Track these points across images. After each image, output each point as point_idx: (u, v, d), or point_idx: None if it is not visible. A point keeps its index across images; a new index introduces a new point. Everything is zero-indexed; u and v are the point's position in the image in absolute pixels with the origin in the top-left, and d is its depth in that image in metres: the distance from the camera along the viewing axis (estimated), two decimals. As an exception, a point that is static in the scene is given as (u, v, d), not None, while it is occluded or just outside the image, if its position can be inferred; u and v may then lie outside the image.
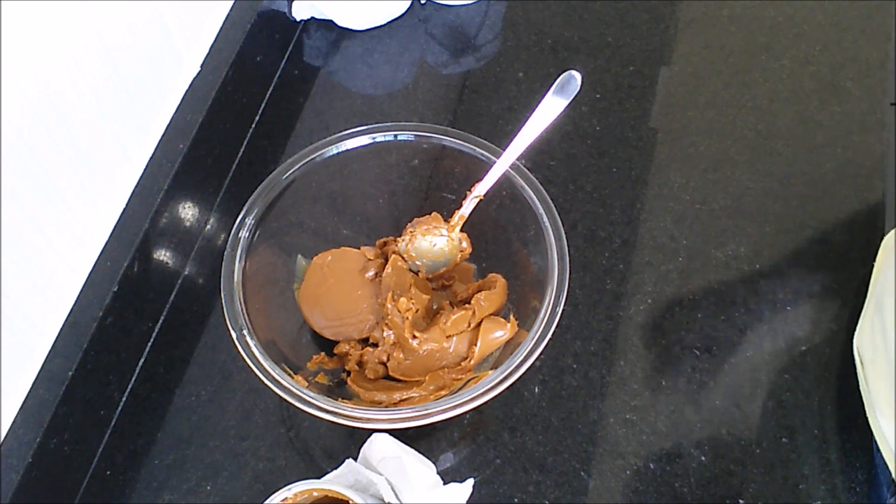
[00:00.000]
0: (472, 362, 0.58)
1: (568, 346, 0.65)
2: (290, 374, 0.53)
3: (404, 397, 0.57)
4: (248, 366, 0.53)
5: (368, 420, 0.51)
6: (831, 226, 0.70)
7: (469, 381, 0.57)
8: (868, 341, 0.59)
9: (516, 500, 0.58)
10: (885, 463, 0.55)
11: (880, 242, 0.64)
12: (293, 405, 0.51)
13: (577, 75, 0.59)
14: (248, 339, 0.53)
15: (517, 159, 0.59)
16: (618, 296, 0.67)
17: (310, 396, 0.51)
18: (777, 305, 0.66)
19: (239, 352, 0.53)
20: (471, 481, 0.56)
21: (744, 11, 0.85)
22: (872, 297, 0.61)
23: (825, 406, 0.61)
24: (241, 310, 0.55)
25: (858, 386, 0.59)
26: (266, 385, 0.52)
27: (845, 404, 0.58)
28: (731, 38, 0.83)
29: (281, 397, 0.52)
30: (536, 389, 0.63)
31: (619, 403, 0.62)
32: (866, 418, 0.58)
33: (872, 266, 0.64)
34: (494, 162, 0.60)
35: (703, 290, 0.67)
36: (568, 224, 0.69)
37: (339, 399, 0.53)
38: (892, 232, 0.59)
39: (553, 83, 0.60)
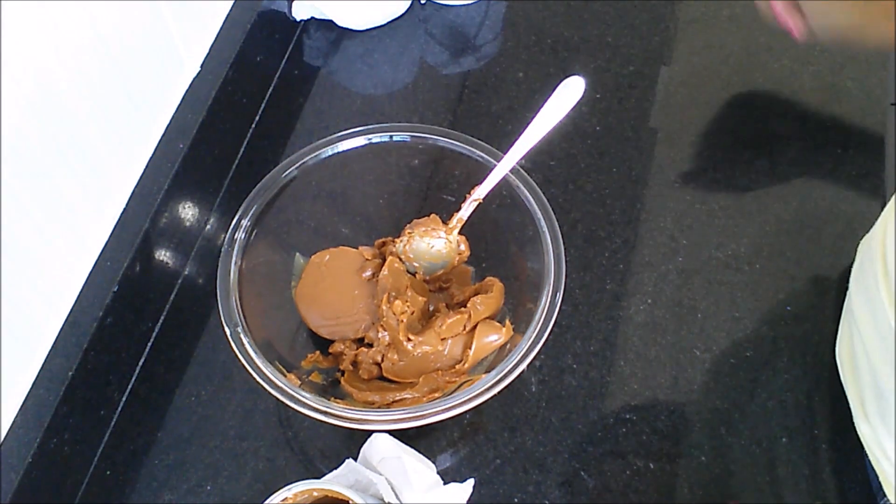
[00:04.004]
0: (466, 365, 0.58)
1: (568, 346, 0.65)
2: (282, 373, 0.53)
3: (397, 398, 0.57)
4: (241, 362, 0.53)
5: (359, 420, 0.51)
6: (831, 226, 0.70)
7: (463, 383, 0.57)
8: (844, 346, 0.59)
9: (516, 500, 0.58)
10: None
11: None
12: (284, 403, 0.51)
13: (582, 81, 0.59)
14: (241, 336, 0.53)
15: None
16: (618, 296, 0.67)
17: (301, 395, 0.51)
18: (777, 305, 0.66)
19: (232, 348, 0.53)
20: (471, 481, 0.56)
21: (744, 11, 0.84)
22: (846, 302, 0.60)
23: (825, 406, 0.61)
24: (236, 306, 0.55)
25: None
26: (257, 382, 0.52)
27: (845, 404, 0.58)
28: (731, 38, 0.83)
29: (272, 395, 0.52)
30: (536, 389, 0.63)
31: (619, 403, 0.62)
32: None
33: None
34: (494, 164, 0.60)
35: (703, 290, 0.67)
36: (568, 224, 0.69)
37: (332, 399, 0.53)
38: (867, 236, 0.59)
39: (556, 88, 0.59)
